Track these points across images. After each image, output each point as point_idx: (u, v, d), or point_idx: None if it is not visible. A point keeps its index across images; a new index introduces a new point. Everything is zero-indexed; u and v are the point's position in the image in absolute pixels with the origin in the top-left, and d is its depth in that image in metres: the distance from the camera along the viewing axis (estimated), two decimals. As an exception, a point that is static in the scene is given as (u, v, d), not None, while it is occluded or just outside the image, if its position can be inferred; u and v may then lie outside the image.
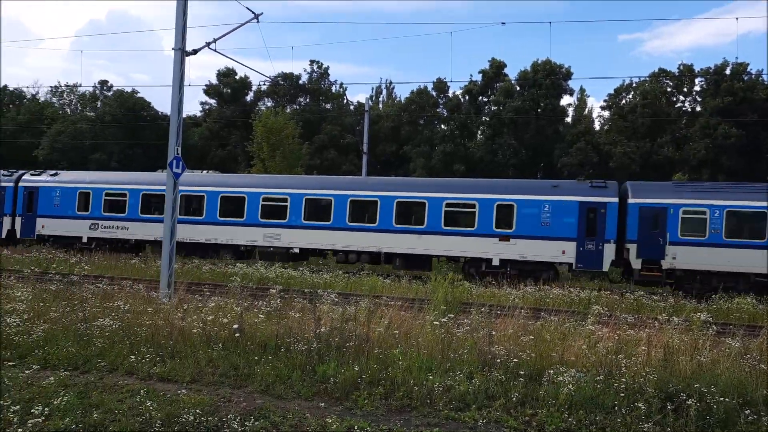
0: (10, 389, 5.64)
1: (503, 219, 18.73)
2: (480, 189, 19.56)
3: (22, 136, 48.32)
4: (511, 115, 38.98)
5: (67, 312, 8.77)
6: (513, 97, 40.05)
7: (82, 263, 16.81)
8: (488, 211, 18.86)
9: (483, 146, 41.35)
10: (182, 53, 12.27)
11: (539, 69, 39.63)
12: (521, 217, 18.55)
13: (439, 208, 19.04)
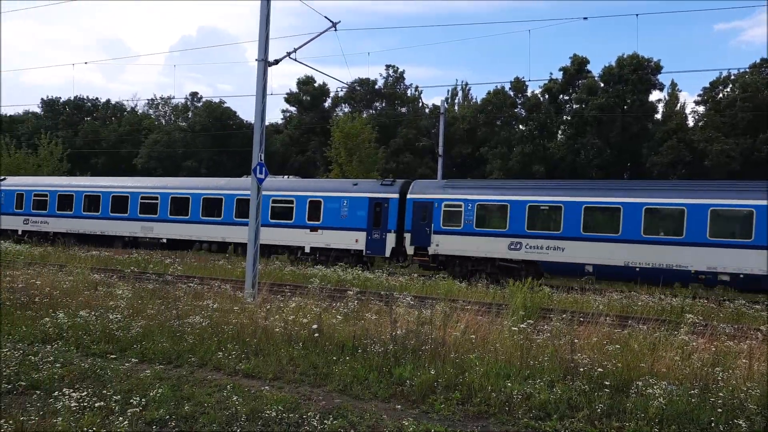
0: (112, 380, 6.13)
1: (313, 213, 21.90)
2: (296, 188, 23.13)
3: (123, 146, 52.47)
4: (595, 113, 37.31)
5: (162, 309, 9.40)
6: (596, 94, 38.31)
7: (175, 264, 17.97)
8: (302, 206, 22.17)
9: (564, 146, 39.91)
10: (265, 64, 12.81)
11: (625, 64, 37.66)
12: (326, 211, 21.67)
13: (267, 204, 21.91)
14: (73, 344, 7.57)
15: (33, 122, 55.73)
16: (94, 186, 28.16)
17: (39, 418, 4.69)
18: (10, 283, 11.28)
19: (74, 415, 4.87)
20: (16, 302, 9.61)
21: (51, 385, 5.77)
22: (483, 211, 19.60)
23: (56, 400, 5.20)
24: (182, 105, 59.38)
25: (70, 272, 13.31)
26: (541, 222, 18.62)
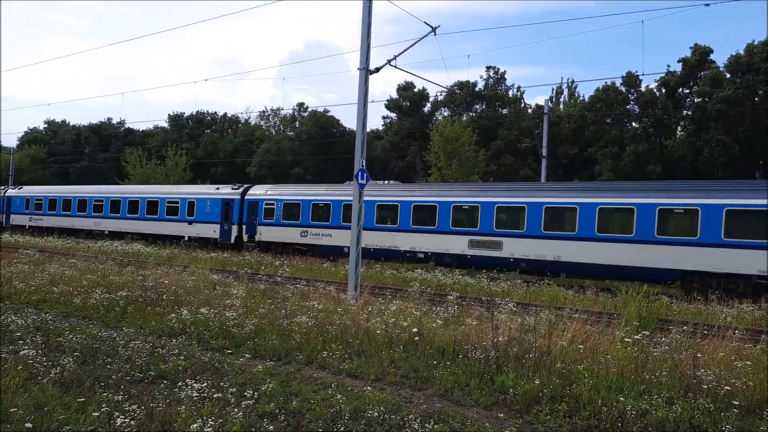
0: (228, 373, 6.58)
1: (190, 211, 29.32)
2: (182, 191, 30.71)
3: (238, 155, 56.31)
4: (720, 107, 33.97)
5: (272, 309, 9.95)
6: (722, 86, 34.89)
7: (284, 266, 18.94)
8: (183, 205, 29.68)
9: (684, 144, 36.73)
10: (366, 72, 13.14)
11: (756, 52, 33.94)
12: (198, 209, 29.01)
13: (163, 204, 30.48)
14: (195, 339, 8.23)
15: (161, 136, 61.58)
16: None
17: (165, 406, 5.14)
18: (142, 281, 12.51)
19: (195, 404, 5.29)
20: (147, 299, 10.63)
21: (176, 376, 6.31)
22: (287, 208, 25.82)
23: (180, 390, 5.69)
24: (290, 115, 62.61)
25: (193, 272, 14.50)
26: (319, 216, 24.45)
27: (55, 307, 10.36)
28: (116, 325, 9.15)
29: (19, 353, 6.40)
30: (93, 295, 10.79)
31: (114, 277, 13.09)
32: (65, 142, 70.25)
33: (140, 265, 16.70)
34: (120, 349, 7.17)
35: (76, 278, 12.84)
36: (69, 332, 7.91)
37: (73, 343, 7.23)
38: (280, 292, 11.90)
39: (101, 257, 18.40)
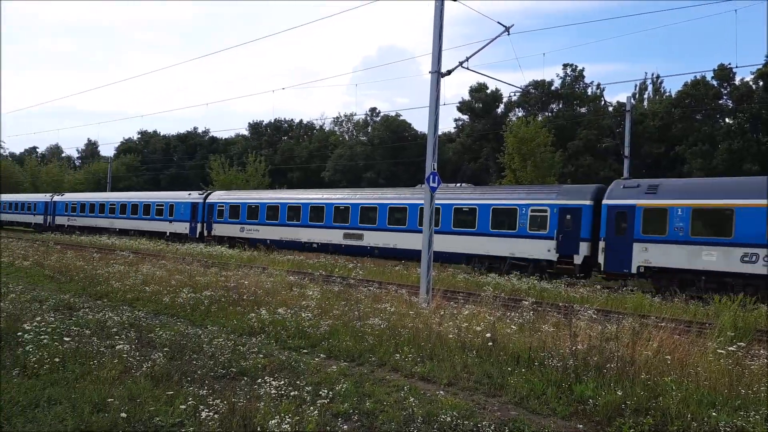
0: (304, 373, 6.76)
1: (171, 212, 35.97)
2: (165, 197, 37.94)
3: (313, 160, 57.88)
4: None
5: (345, 311, 10.13)
6: (830, 75, 31.70)
7: (357, 269, 19.23)
8: (166, 208, 36.35)
9: (786, 140, 33.71)
10: (438, 75, 13.10)
11: None
12: (176, 211, 35.47)
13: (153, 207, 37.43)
14: (273, 338, 8.54)
15: (242, 143, 64.47)
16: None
17: (246, 401, 5.37)
18: (225, 282, 13.14)
19: (274, 401, 5.48)
20: (229, 299, 11.15)
21: (255, 373, 6.57)
22: (233, 208, 31.69)
23: (259, 387, 5.92)
24: (363, 121, 63.55)
25: (271, 274, 15.05)
26: (253, 215, 30.22)
27: (147, 305, 11.09)
28: (201, 323, 9.67)
29: (115, 348, 6.91)
30: (180, 294, 11.46)
31: (199, 278, 13.84)
32: (156, 150, 75.22)
33: (223, 267, 17.54)
34: (205, 346, 7.56)
35: (166, 278, 13.70)
36: (159, 329, 8.45)
37: (163, 340, 7.71)
38: (354, 295, 12.09)
39: (188, 258, 19.51)
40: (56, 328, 7.42)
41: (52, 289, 12.48)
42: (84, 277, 13.96)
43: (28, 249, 21.23)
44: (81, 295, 11.96)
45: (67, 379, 5.65)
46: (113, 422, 4.64)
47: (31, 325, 7.38)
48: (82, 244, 28.31)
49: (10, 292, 10.89)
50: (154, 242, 32.38)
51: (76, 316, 9.03)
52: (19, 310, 8.64)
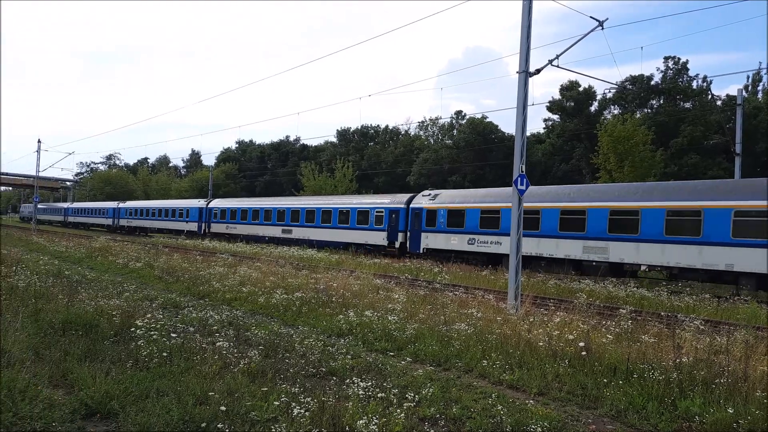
0: (391, 375, 6.82)
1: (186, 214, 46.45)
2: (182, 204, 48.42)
3: (399, 165, 58.41)
4: None
5: (431, 315, 10.10)
6: None
7: (443, 273, 19.13)
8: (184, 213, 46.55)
9: None
10: (526, 75, 12.76)
11: None
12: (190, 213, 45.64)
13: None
14: (360, 340, 8.70)
15: (330, 150, 66.44)
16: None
17: (335, 401, 5.51)
18: (315, 284, 13.58)
19: (361, 401, 5.58)
20: (319, 301, 11.51)
21: (344, 374, 6.73)
22: (223, 212, 41.92)
23: (348, 387, 6.05)
24: (448, 124, 63.28)
25: (358, 277, 15.35)
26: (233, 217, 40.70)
27: (244, 305, 11.71)
28: (293, 323, 10.06)
29: (215, 344, 7.36)
30: (274, 295, 11.99)
31: (291, 280, 14.40)
32: (252, 159, 79.46)
33: (312, 269, 18.14)
34: (296, 345, 7.85)
35: (261, 280, 14.39)
36: (255, 328, 8.89)
37: (258, 338, 8.10)
38: (440, 299, 12.03)
39: (281, 261, 20.38)
40: (164, 325, 8.03)
41: (161, 289, 13.52)
42: (188, 278, 15.00)
43: (140, 252, 23.16)
44: (185, 294, 12.87)
45: (173, 373, 6.09)
46: (214, 415, 4.94)
47: (143, 321, 8.04)
48: (187, 247, 30.39)
49: (125, 291, 11.93)
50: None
51: (182, 314, 9.73)
52: (132, 308, 9.44)
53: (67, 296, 9.79)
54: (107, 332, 7.65)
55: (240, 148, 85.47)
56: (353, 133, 69.24)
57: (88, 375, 5.71)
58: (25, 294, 9.74)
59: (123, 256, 20.91)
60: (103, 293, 10.96)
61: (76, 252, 23.24)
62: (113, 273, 16.89)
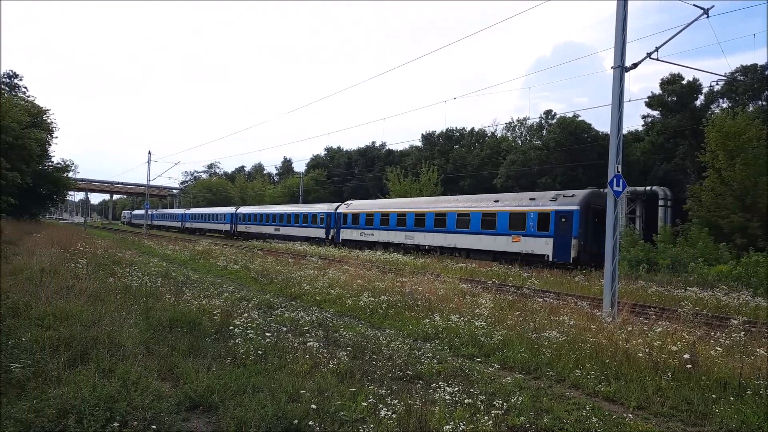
0: (478, 381, 6.71)
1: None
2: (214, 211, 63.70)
3: (485, 168, 57.46)
4: None
5: (520, 321, 9.83)
6: None
7: (532, 278, 18.55)
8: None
9: None
10: (621, 70, 12.11)
11: None
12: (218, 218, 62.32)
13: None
14: (447, 344, 8.64)
15: (415, 154, 66.69)
16: None
17: (422, 404, 5.52)
18: (400, 288, 13.68)
19: (448, 406, 5.54)
20: (405, 304, 11.58)
21: (430, 378, 6.71)
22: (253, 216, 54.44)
23: (434, 391, 6.03)
24: (536, 124, 61.37)
25: (444, 281, 15.27)
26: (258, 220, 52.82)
27: (333, 306, 12.05)
28: (380, 325, 10.20)
29: (306, 344, 7.63)
30: (361, 298, 12.23)
31: (377, 283, 14.61)
32: (339, 165, 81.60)
33: (398, 273, 18.29)
34: (383, 348, 7.95)
35: (348, 283, 14.73)
36: (343, 329, 9.11)
37: (346, 339, 8.30)
38: (529, 305, 11.68)
39: (368, 264, 20.74)
40: (259, 325, 8.45)
41: (256, 290, 14.23)
42: (281, 280, 15.66)
43: (237, 254, 24.53)
44: (278, 295, 13.45)
45: (268, 370, 6.38)
46: (305, 412, 5.12)
47: (240, 320, 8.51)
48: (279, 251, 31.80)
49: (224, 291, 12.69)
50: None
51: (275, 315, 10.18)
52: (230, 307, 10.01)
53: (173, 296, 10.58)
54: (209, 330, 8.16)
55: (328, 155, 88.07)
56: (438, 136, 69.04)
57: (191, 369, 6.13)
58: (137, 293, 10.63)
59: (222, 258, 22.24)
60: (205, 293, 11.71)
61: (181, 255, 25.03)
62: (214, 274, 18.01)
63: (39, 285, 9.99)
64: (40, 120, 41.42)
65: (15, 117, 30.64)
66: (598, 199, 22.49)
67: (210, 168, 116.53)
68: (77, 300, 8.89)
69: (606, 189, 12.27)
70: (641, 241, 29.88)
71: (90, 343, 6.50)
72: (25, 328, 7.05)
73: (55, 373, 5.49)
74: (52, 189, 45.90)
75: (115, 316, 8.06)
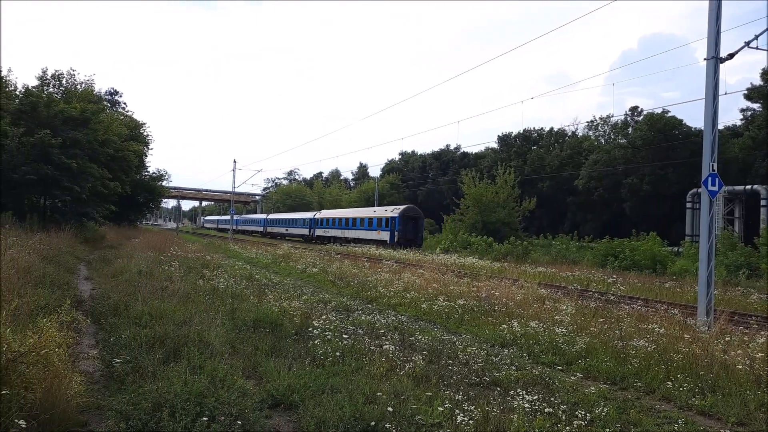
0: (559, 390, 6.47)
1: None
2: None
3: (565, 169, 55.45)
4: None
5: (604, 329, 9.38)
6: None
7: (617, 283, 17.65)
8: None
9: None
10: (715, 61, 11.29)
11: None
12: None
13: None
14: (525, 351, 8.41)
15: (491, 156, 65.58)
16: None
17: (499, 411, 5.40)
18: (476, 292, 13.48)
19: (527, 415, 5.39)
20: (481, 309, 11.40)
21: (508, 385, 6.56)
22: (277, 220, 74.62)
23: (512, 399, 5.89)
24: (621, 122, 58.46)
25: (522, 286, 14.88)
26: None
27: (408, 310, 12.08)
28: (455, 330, 10.10)
29: (382, 347, 7.70)
30: (436, 302, 12.17)
31: (453, 287, 14.49)
32: (414, 169, 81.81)
33: (474, 277, 18.03)
34: (459, 353, 7.86)
35: (424, 287, 14.71)
36: (419, 333, 9.11)
37: (422, 343, 8.29)
38: (614, 312, 11.13)
39: (442, 268, 20.62)
40: (337, 326, 8.63)
41: (333, 293, 14.56)
42: (357, 283, 15.92)
43: (316, 258, 25.22)
44: (355, 298, 13.68)
45: (345, 372, 6.50)
46: (382, 415, 5.17)
47: (318, 322, 8.74)
48: (356, 254, 32.33)
49: (303, 294, 13.08)
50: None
51: (352, 317, 10.36)
52: (309, 309, 10.31)
53: (256, 297, 11.04)
54: (289, 331, 8.44)
55: (402, 159, 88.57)
56: (515, 137, 67.51)
57: (273, 369, 6.37)
58: (224, 294, 11.20)
59: (302, 262, 22.96)
60: (286, 295, 12.14)
61: (264, 258, 26.10)
62: (293, 277, 18.62)
63: (136, 286, 10.78)
64: (138, 133, 44.75)
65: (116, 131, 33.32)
66: (411, 211, 44.74)
67: (289, 174, 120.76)
68: (170, 300, 9.50)
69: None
70: (740, 244, 27.61)
71: (182, 341, 6.93)
72: (124, 326, 7.64)
73: (150, 369, 5.90)
74: (148, 197, 49.38)
75: (204, 316, 8.53)
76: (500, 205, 44.34)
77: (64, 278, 12.46)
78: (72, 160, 25.77)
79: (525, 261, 29.59)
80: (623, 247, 28.39)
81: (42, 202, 28.43)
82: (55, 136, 25.42)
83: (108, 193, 30.68)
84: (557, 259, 31.21)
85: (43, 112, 26.59)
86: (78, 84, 36.28)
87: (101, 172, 28.71)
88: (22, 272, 9.94)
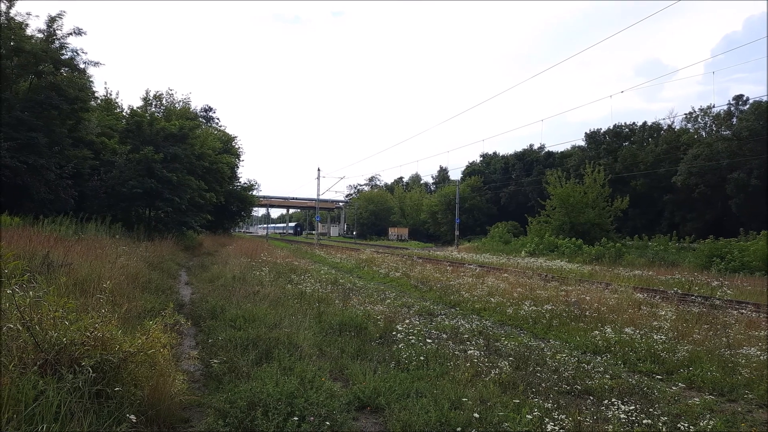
0: (659, 401, 6.07)
1: None
2: None
3: (661, 165, 52.04)
4: None
5: (709, 335, 8.70)
6: None
7: (723, 287, 16.30)
8: None
9: None
10: (832, 39, 10.19)
11: None
12: None
13: None
14: (620, 359, 7.97)
15: (578, 155, 62.86)
16: None
17: (592, 421, 5.16)
18: (565, 297, 12.96)
19: (623, 426, 5.10)
20: (571, 314, 10.94)
21: (601, 394, 6.25)
22: None
23: (607, 408, 5.60)
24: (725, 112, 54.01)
25: (615, 290, 14.12)
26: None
27: (492, 315, 11.84)
28: (543, 336, 9.77)
29: (467, 352, 7.60)
30: (522, 306, 11.84)
31: (539, 292, 14.03)
32: (496, 171, 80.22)
33: (562, 281, 17.35)
34: (548, 359, 7.60)
35: (508, 291, 14.37)
36: (504, 339, 8.91)
37: (508, 349, 8.09)
38: (720, 318, 10.29)
39: (528, 272, 20.03)
40: (420, 331, 8.64)
41: (416, 297, 14.58)
42: (440, 288, 15.84)
43: (398, 262, 25.39)
44: (438, 302, 13.62)
45: (430, 376, 6.49)
46: (468, 420, 5.10)
47: (402, 326, 8.79)
48: (437, 258, 32.16)
49: (387, 298, 13.21)
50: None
51: (435, 322, 10.32)
52: (393, 313, 10.40)
53: (342, 301, 11.31)
54: (373, 334, 8.56)
55: (484, 161, 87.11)
56: (604, 133, 64.29)
57: (359, 371, 6.49)
58: (311, 298, 11.56)
59: (384, 266, 23.20)
60: (370, 299, 12.32)
61: (348, 263, 26.67)
62: (377, 281, 18.86)
63: (231, 290, 11.40)
64: (230, 146, 47.42)
65: (210, 145, 35.54)
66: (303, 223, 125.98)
67: (371, 180, 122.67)
68: (261, 304, 9.97)
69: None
70: None
71: (273, 343, 7.24)
72: (221, 329, 8.10)
73: (245, 369, 6.22)
74: (240, 206, 52.11)
75: (293, 320, 8.87)
76: (589, 205, 42.33)
77: (167, 283, 13.44)
78: (173, 173, 27.85)
79: (618, 264, 28.08)
80: (730, 247, 26.21)
81: (147, 213, 30.85)
82: (158, 152, 27.57)
83: (204, 203, 32.73)
84: (654, 261, 29.35)
85: (146, 130, 28.95)
86: (176, 102, 39.14)
87: (198, 183, 30.73)
88: (131, 278, 10.83)
